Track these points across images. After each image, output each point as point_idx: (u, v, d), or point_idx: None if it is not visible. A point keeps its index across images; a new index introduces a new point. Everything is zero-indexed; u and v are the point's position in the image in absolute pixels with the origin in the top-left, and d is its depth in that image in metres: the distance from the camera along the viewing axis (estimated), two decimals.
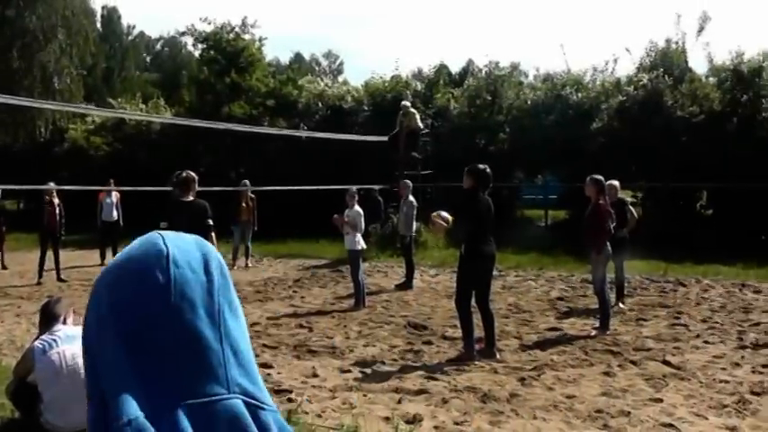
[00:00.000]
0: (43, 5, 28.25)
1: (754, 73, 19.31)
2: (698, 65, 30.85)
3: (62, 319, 5.34)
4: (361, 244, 11.62)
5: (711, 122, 18.74)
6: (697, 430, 5.65)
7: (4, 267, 16.44)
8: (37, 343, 5.08)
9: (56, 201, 14.95)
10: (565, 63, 64.01)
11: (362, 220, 11.70)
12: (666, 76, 20.11)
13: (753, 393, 6.47)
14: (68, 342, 5.06)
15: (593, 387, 6.71)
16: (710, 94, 19.65)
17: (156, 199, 10.35)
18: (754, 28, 77.91)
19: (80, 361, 4.91)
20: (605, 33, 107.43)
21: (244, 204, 16.43)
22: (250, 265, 16.35)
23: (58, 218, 14.86)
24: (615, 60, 23.08)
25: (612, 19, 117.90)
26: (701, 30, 21.67)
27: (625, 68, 35.21)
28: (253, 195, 16.76)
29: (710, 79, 20.90)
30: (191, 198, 8.64)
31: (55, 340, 5.05)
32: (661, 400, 6.30)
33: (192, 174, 8.77)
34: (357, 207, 11.71)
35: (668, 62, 21.43)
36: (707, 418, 5.87)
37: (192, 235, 1.04)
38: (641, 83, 20.60)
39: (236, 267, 15.86)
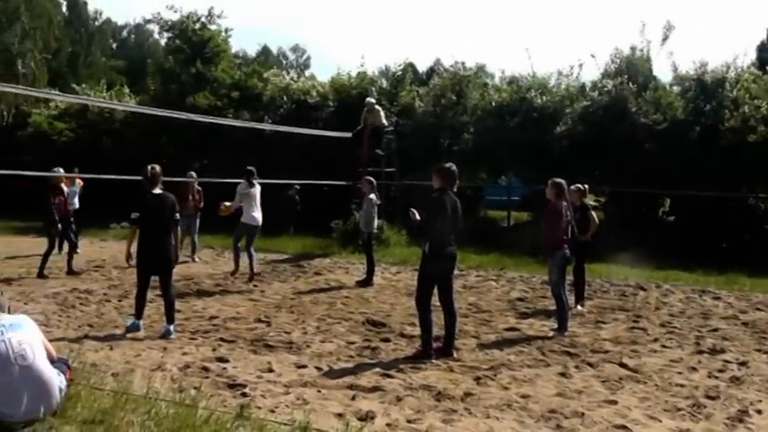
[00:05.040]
0: None
1: (718, 83, 19.58)
2: (662, 73, 31.14)
3: (6, 308, 5.31)
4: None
5: (675, 130, 18.95)
6: None
7: None
8: None
9: (65, 188, 14.46)
10: (530, 66, 64.50)
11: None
12: (631, 83, 20.28)
13: (707, 397, 6.52)
14: (13, 330, 5.00)
15: (549, 387, 6.70)
16: (674, 103, 19.85)
17: (119, 188, 10.21)
18: (717, 39, 79.18)
19: (27, 347, 4.83)
20: (571, 38, 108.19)
21: (190, 197, 16.07)
22: (197, 259, 15.83)
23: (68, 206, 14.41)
24: (580, 65, 23.20)
25: (578, 24, 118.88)
26: (665, 38, 21.85)
27: (590, 74, 35.51)
28: (200, 188, 16.42)
29: (674, 88, 21.10)
30: (159, 191, 8.90)
31: None
32: (616, 402, 6.31)
33: (159, 168, 9.00)
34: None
35: (633, 69, 21.57)
36: (660, 421, 5.90)
37: None
38: (606, 89, 20.77)
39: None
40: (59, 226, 13.91)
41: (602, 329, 9.54)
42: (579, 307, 10.79)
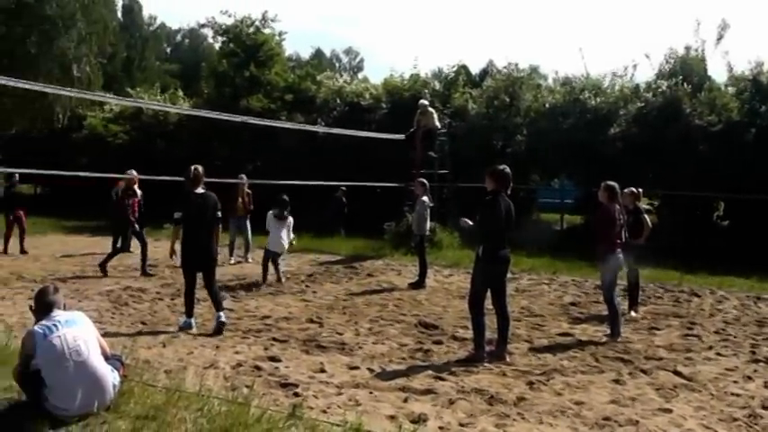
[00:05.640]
0: None
1: None
2: (717, 74, 30.61)
3: (61, 305, 5.41)
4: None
5: (730, 132, 18.64)
6: None
7: (24, 252, 16.43)
8: (37, 327, 5.11)
9: (138, 190, 14.73)
10: (584, 67, 64.05)
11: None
12: (685, 84, 19.99)
13: (764, 408, 6.39)
14: (68, 326, 5.11)
15: (602, 394, 6.63)
16: (729, 104, 19.53)
17: (172, 189, 10.45)
18: None
19: (81, 343, 4.94)
20: (625, 38, 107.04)
21: (240, 199, 16.27)
22: (250, 260, 15.91)
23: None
24: (634, 66, 23.10)
25: (632, 24, 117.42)
26: (720, 38, 21.61)
27: (644, 74, 35.02)
28: (249, 191, 16.57)
29: (729, 89, 20.76)
30: (202, 190, 9.14)
31: (55, 324, 5.08)
32: (670, 411, 6.22)
33: (201, 168, 9.24)
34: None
35: (687, 70, 21.33)
36: (716, 431, 5.82)
37: None
38: (660, 90, 20.51)
39: (232, 261, 15.88)
40: (136, 226, 14.34)
41: (655, 336, 9.42)
42: (633, 313, 10.67)
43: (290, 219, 13.39)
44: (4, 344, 6.85)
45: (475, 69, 48.05)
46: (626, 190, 10.53)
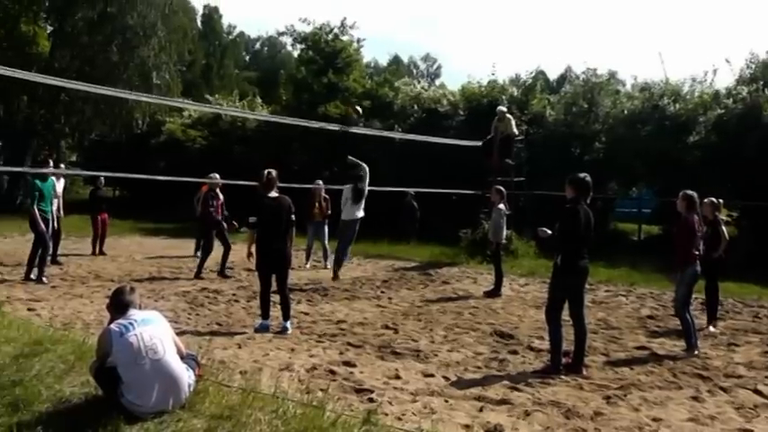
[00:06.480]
0: (144, 3, 29.39)
1: None
2: None
3: (138, 305, 5.56)
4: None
5: None
6: None
7: (102, 253, 17.01)
8: (113, 326, 5.24)
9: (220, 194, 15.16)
10: (663, 72, 62.59)
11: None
12: (767, 90, 19.44)
13: None
14: (144, 325, 5.25)
15: (681, 411, 6.50)
16: None
17: (249, 193, 10.72)
18: None
19: (157, 342, 5.09)
20: (705, 42, 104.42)
21: (317, 204, 16.49)
22: (328, 266, 15.83)
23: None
24: (714, 71, 22.49)
25: (713, 28, 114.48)
26: None
27: (724, 80, 34.13)
28: (326, 195, 16.75)
29: None
30: (275, 194, 9.40)
31: (131, 323, 5.22)
32: None
33: (275, 173, 9.48)
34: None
35: None
36: None
37: None
38: (740, 96, 20.01)
39: (307, 266, 16.14)
40: (224, 225, 14.73)
41: (735, 352, 9.17)
42: (711, 328, 10.44)
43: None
44: (81, 340, 7.08)
45: (553, 75, 47.73)
46: (706, 200, 10.30)
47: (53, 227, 13.44)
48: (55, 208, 13.77)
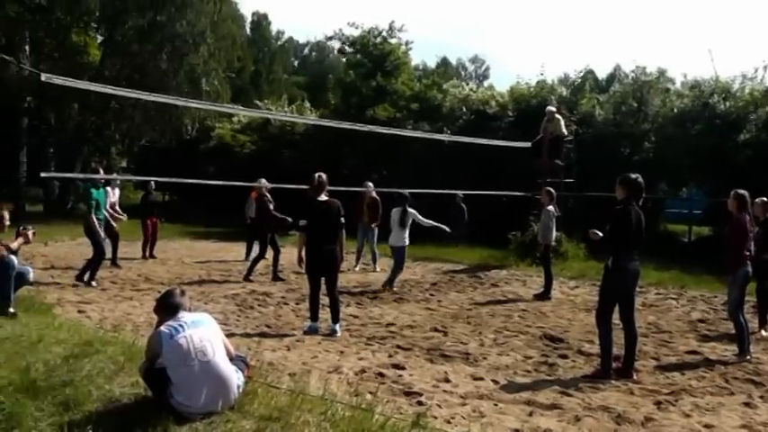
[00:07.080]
0: (193, 11, 29.83)
1: None
2: None
3: (187, 307, 5.62)
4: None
5: None
6: None
7: (153, 256, 17.36)
8: (163, 328, 5.30)
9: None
10: (713, 69, 61.38)
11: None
12: None
13: None
14: (194, 327, 5.30)
15: (733, 418, 6.42)
16: None
17: (299, 198, 10.86)
18: None
19: (207, 344, 5.19)
20: (755, 38, 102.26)
21: (365, 206, 16.54)
22: (378, 269, 16.17)
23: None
24: (765, 67, 22.01)
25: (763, 23, 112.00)
26: None
27: None
28: (377, 197, 16.75)
29: None
30: (325, 198, 9.54)
31: (181, 325, 5.27)
32: None
33: (325, 176, 9.59)
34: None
35: None
36: None
37: None
38: None
39: (357, 269, 16.28)
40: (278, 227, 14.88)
41: None
42: (764, 332, 10.22)
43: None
44: (131, 342, 7.19)
45: (602, 74, 47.27)
46: (757, 200, 10.06)
47: (112, 232, 14.03)
48: (109, 213, 14.23)
